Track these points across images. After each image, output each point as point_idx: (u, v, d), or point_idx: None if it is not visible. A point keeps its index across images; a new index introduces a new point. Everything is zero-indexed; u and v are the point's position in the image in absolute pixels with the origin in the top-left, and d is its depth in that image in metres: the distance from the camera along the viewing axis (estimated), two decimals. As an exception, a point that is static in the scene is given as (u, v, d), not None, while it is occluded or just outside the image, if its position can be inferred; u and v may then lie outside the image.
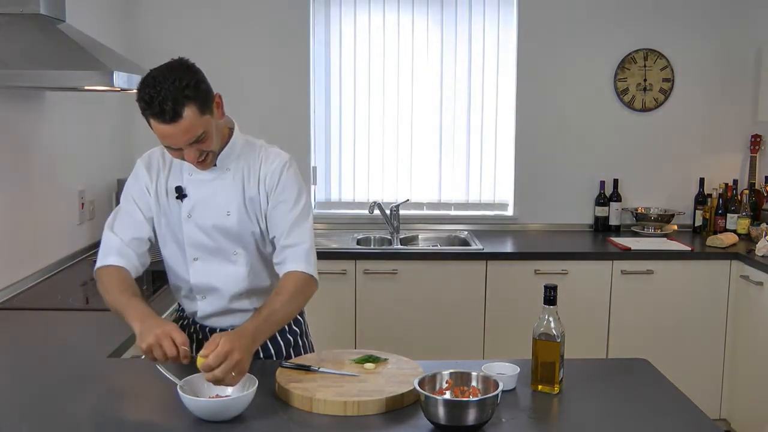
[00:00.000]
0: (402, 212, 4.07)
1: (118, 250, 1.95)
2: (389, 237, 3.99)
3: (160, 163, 2.00)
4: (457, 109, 4.17)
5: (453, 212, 4.23)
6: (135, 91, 2.41)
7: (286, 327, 2.09)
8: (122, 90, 2.70)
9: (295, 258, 1.91)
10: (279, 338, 2.08)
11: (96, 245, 3.47)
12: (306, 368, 1.75)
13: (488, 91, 4.16)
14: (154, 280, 2.97)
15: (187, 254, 1.97)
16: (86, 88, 2.65)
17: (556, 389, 1.73)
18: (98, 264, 1.97)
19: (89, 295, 2.87)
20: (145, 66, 2.98)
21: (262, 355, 2.05)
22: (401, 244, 3.91)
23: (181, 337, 1.66)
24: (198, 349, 1.83)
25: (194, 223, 1.95)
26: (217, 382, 1.60)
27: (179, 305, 2.17)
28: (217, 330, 2.03)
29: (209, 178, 1.95)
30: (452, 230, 4.13)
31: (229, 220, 1.94)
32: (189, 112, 1.73)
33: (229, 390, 1.63)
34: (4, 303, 2.60)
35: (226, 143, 1.95)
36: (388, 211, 4.01)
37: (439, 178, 4.21)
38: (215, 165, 1.94)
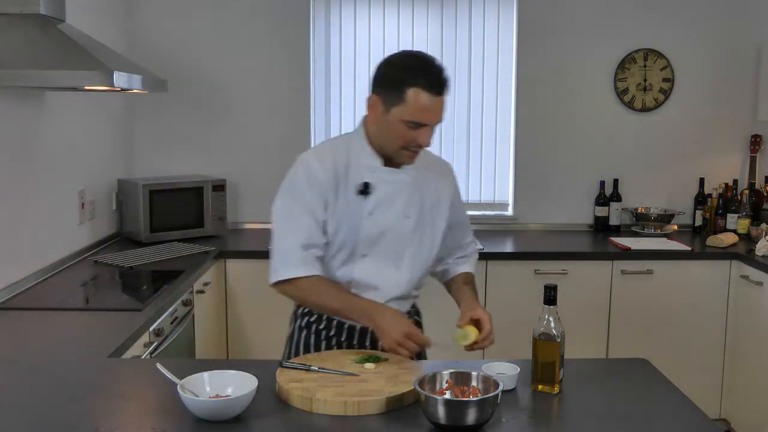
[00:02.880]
0: (402, 212, 4.06)
1: (302, 259, 1.89)
2: (389, 237, 3.98)
3: (336, 157, 1.92)
4: (457, 109, 4.17)
5: (453, 212, 4.22)
6: (135, 90, 2.38)
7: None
8: (122, 90, 2.70)
9: (473, 265, 2.23)
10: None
11: (96, 245, 3.50)
12: (306, 368, 1.75)
13: (488, 90, 4.16)
14: (155, 280, 2.97)
15: (357, 250, 1.94)
16: (86, 88, 2.65)
17: (556, 389, 1.73)
18: (284, 276, 1.91)
19: (89, 295, 2.87)
20: (145, 66, 2.98)
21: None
22: (401, 244, 3.90)
23: (420, 338, 1.83)
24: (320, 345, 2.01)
25: (374, 221, 1.92)
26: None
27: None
28: (345, 326, 2.00)
29: (393, 180, 1.94)
30: (452, 230, 4.13)
31: (407, 224, 1.95)
32: (445, 93, 1.83)
33: (229, 390, 1.63)
34: (4, 303, 2.60)
35: None
36: (388, 211, 4.00)
37: (439, 178, 4.20)
38: (398, 167, 1.94)
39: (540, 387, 1.73)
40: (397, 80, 1.79)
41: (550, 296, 1.73)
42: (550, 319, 1.73)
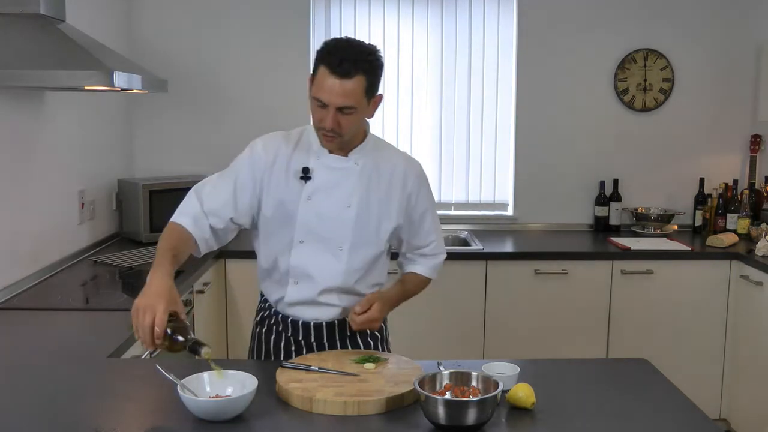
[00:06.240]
0: (402, 212, 4.06)
1: (194, 215, 1.93)
2: (389, 237, 3.98)
3: (284, 143, 1.98)
4: (457, 109, 4.17)
5: (453, 212, 4.23)
6: (135, 90, 2.41)
7: (368, 331, 2.07)
8: (122, 90, 2.70)
9: (432, 269, 2.13)
10: (360, 341, 2.08)
11: (96, 245, 3.50)
12: (306, 368, 1.75)
13: (488, 90, 4.16)
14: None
15: (295, 236, 1.95)
16: (86, 88, 2.64)
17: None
18: (172, 219, 1.95)
19: (89, 295, 2.87)
20: (145, 66, 2.97)
21: None
22: (401, 244, 3.90)
23: (159, 321, 1.60)
24: (280, 341, 2.06)
25: (312, 207, 1.93)
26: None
27: (261, 295, 2.14)
28: (300, 322, 2.03)
29: (337, 167, 1.94)
30: (452, 230, 4.13)
31: (348, 213, 1.94)
32: (357, 80, 1.79)
33: (229, 390, 1.63)
34: (4, 303, 2.60)
35: (360, 142, 1.96)
36: (388, 211, 4.00)
37: (439, 178, 4.21)
38: (346, 156, 1.95)
39: None
40: (316, 59, 1.84)
41: None
42: None
